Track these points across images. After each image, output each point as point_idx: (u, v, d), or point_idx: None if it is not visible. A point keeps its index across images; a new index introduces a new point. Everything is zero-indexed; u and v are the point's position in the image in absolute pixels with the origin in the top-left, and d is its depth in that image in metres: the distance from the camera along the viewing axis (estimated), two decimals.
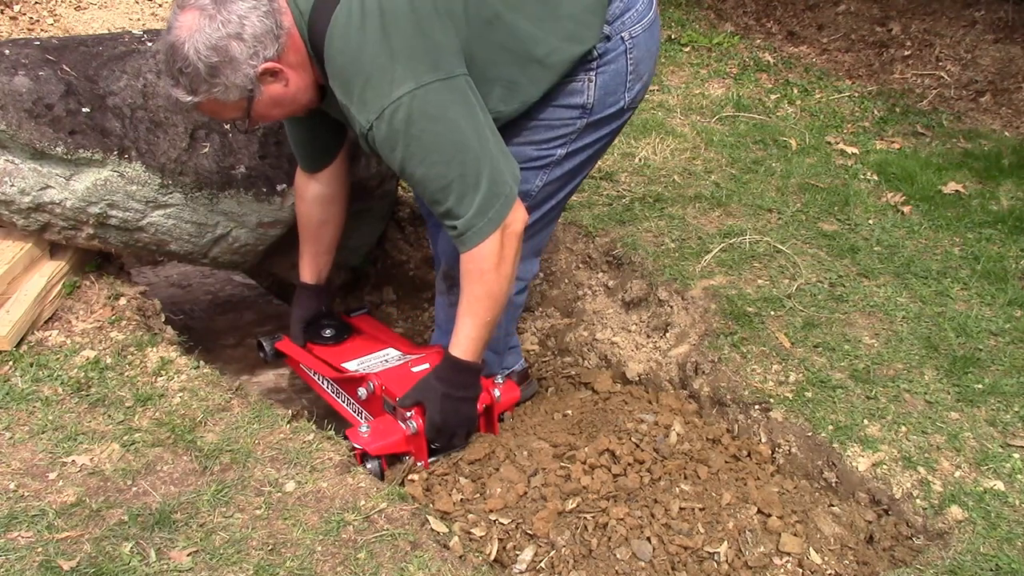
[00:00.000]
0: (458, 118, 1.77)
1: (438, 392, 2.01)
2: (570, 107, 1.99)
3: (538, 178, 2.06)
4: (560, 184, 2.12)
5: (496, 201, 1.83)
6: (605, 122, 2.06)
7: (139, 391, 2.13)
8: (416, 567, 1.70)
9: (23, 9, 4.44)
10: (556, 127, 2.00)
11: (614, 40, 1.96)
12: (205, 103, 1.83)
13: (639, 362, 2.59)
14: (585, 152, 2.09)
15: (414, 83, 1.73)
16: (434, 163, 1.79)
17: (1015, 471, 2.04)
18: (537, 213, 2.11)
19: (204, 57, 1.73)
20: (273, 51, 1.77)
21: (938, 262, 2.86)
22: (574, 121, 2.00)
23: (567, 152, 2.04)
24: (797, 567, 1.90)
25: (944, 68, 4.56)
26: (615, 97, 2.02)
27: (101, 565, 1.65)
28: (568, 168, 2.09)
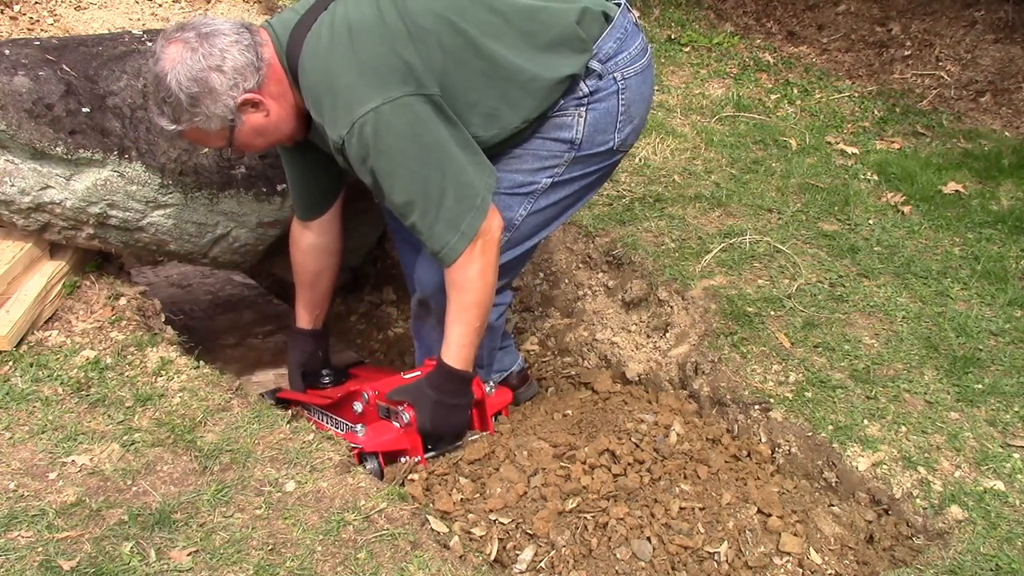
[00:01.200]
0: (424, 133, 1.81)
1: (430, 399, 2.03)
2: (559, 141, 2.01)
3: (522, 207, 2.06)
4: (544, 218, 2.11)
5: (467, 214, 1.86)
6: (593, 160, 2.06)
7: (139, 391, 2.13)
8: (416, 567, 1.70)
9: (23, 9, 4.44)
10: (544, 158, 2.02)
11: (606, 79, 1.98)
12: (188, 131, 1.90)
13: (639, 362, 2.59)
14: (571, 186, 2.08)
15: (381, 98, 1.77)
16: (400, 177, 1.83)
17: (1015, 471, 2.04)
18: (519, 249, 2.12)
19: (185, 88, 1.81)
20: (253, 82, 1.85)
21: (938, 262, 2.86)
22: (562, 154, 2.02)
23: (552, 182, 2.04)
24: (797, 567, 1.90)
25: (944, 68, 4.56)
26: (605, 136, 2.03)
27: (101, 565, 1.65)
28: (553, 200, 2.08)
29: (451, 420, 2.07)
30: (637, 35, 2.04)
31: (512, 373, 2.55)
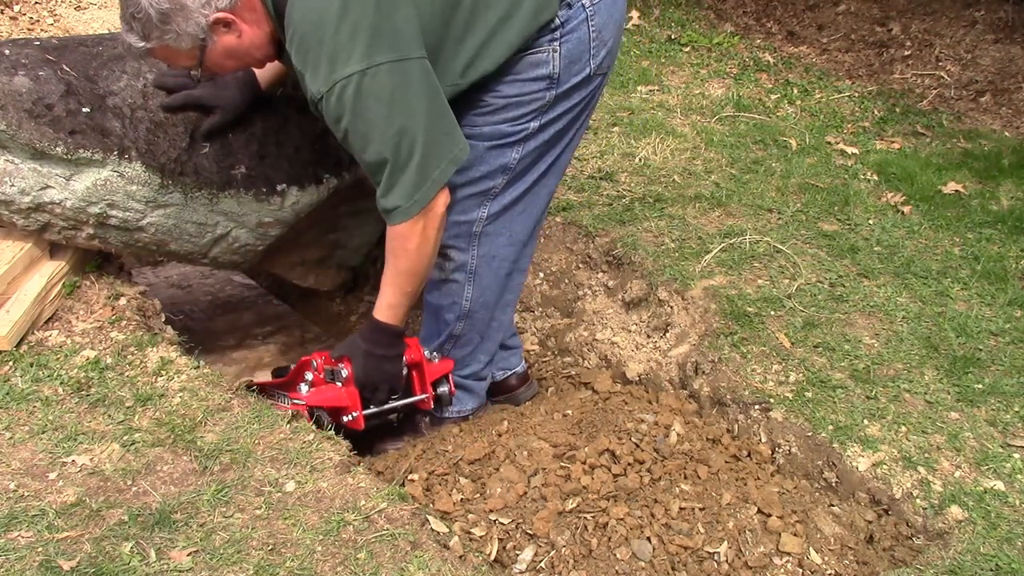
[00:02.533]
0: (402, 101, 1.81)
1: (361, 349, 2.12)
2: (537, 79, 2.00)
3: (514, 151, 2.08)
4: (539, 153, 2.13)
5: (423, 184, 1.88)
6: (574, 90, 2.06)
7: (139, 391, 2.13)
8: (416, 567, 1.70)
9: (23, 9, 4.44)
10: (527, 103, 2.02)
11: (575, 8, 1.97)
12: (158, 49, 1.86)
13: (639, 362, 2.59)
14: (560, 122, 2.09)
15: (366, 62, 1.77)
16: (372, 140, 1.84)
17: (1015, 471, 2.04)
18: (521, 184, 2.14)
19: (156, 4, 1.78)
20: (226, 2, 1.81)
21: (938, 262, 2.86)
22: (543, 93, 2.02)
23: (540, 124, 2.06)
24: (797, 567, 1.90)
25: (944, 68, 4.56)
26: (580, 65, 2.02)
27: (101, 565, 1.65)
28: (544, 139, 2.10)
29: (383, 369, 2.13)
30: None
31: (514, 373, 2.57)
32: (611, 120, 3.72)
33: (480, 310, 2.30)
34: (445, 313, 2.32)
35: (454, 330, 2.34)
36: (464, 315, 2.30)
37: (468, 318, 2.31)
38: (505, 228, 2.20)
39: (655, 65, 4.48)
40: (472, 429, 2.32)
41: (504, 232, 2.20)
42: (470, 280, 2.23)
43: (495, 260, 2.23)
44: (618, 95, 4.04)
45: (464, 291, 2.25)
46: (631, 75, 4.28)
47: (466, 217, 2.14)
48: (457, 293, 2.26)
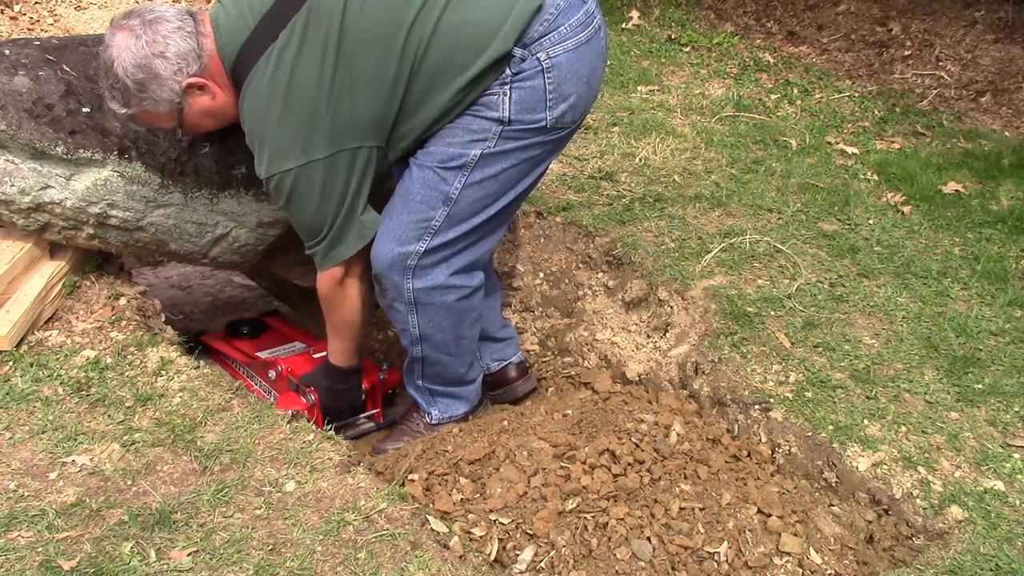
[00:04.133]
0: (329, 191, 2.05)
1: (324, 387, 2.43)
2: (488, 119, 2.04)
3: (457, 179, 2.08)
4: (484, 192, 2.11)
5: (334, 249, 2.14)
6: (527, 135, 2.06)
7: (139, 391, 2.13)
8: (416, 567, 1.70)
9: (23, 9, 4.44)
10: (475, 131, 2.05)
11: (529, 61, 1.99)
12: (139, 114, 2.02)
13: (639, 362, 2.59)
14: (508, 159, 2.08)
15: (303, 159, 2.00)
16: (304, 215, 2.10)
17: (1015, 471, 2.04)
18: (465, 225, 2.13)
19: (131, 74, 1.93)
20: (196, 68, 1.97)
21: (938, 262, 2.86)
22: (491, 128, 2.04)
23: (483, 153, 2.05)
24: (797, 567, 1.90)
25: (944, 68, 4.56)
26: (534, 115, 2.03)
27: (101, 565, 1.65)
28: (490, 173, 2.08)
29: (344, 400, 2.49)
30: (575, 10, 2.01)
31: (511, 363, 2.58)
32: (611, 120, 3.72)
33: (436, 334, 2.28)
34: (402, 339, 2.34)
35: (414, 353, 2.34)
36: (418, 340, 2.29)
37: (425, 342, 2.29)
38: (444, 265, 2.18)
39: (655, 65, 4.48)
40: (472, 429, 2.32)
41: (443, 269, 2.18)
42: (411, 309, 2.23)
43: (437, 291, 2.20)
44: (618, 95, 4.04)
45: (409, 319, 2.25)
46: (631, 75, 4.28)
47: (402, 248, 2.13)
48: (403, 321, 2.26)
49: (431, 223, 2.11)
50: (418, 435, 2.41)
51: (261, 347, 2.76)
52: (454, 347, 2.32)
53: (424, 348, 2.31)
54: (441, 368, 2.37)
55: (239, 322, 2.89)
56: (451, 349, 2.32)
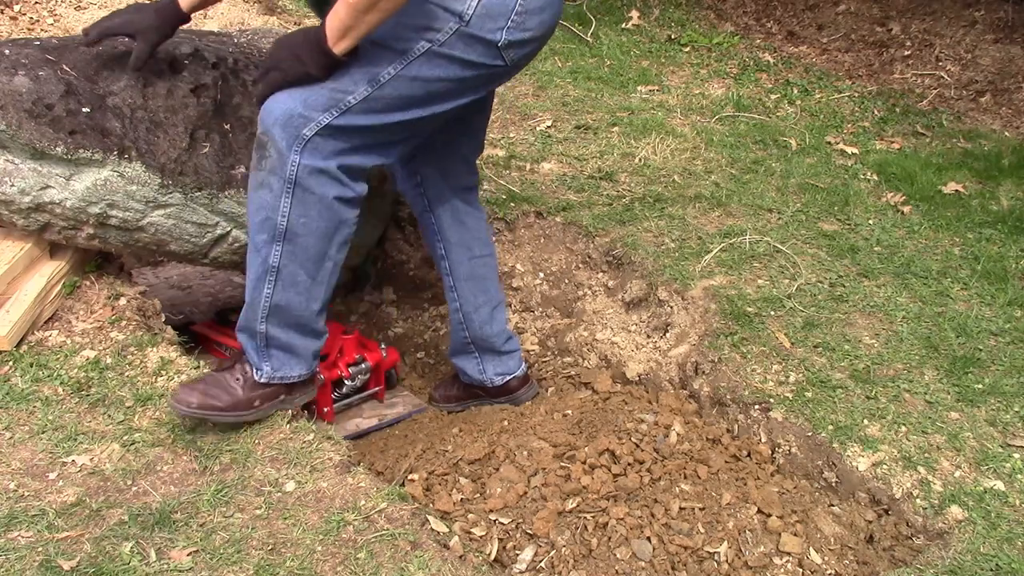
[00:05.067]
0: None
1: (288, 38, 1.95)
2: (448, 10, 1.87)
3: (392, 65, 1.89)
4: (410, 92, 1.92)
5: None
6: (476, 47, 1.91)
7: (139, 391, 2.13)
8: (416, 567, 1.70)
9: (23, 9, 4.44)
10: (429, 17, 1.88)
11: None
12: None
13: (639, 362, 2.59)
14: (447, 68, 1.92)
15: None
16: None
17: (1015, 471, 2.04)
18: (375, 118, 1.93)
19: None
20: None
21: (938, 262, 2.86)
22: (446, 22, 1.88)
23: (429, 49, 1.89)
24: (797, 567, 1.90)
25: (944, 68, 4.56)
26: (494, 24, 1.90)
27: (101, 565, 1.65)
28: (425, 75, 1.91)
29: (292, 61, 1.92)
30: None
31: (514, 377, 2.56)
32: (611, 120, 3.72)
33: (302, 235, 1.96)
34: (258, 233, 1.98)
35: (270, 259, 1.98)
36: (281, 237, 1.96)
37: (288, 242, 1.97)
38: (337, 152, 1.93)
39: (655, 65, 4.48)
40: (472, 429, 2.33)
41: (336, 155, 1.93)
42: (287, 190, 1.92)
43: (322, 176, 1.93)
44: (618, 95, 4.04)
45: (281, 203, 1.93)
46: (631, 75, 4.28)
47: (306, 111, 1.88)
48: (271, 206, 1.94)
49: (346, 98, 1.89)
50: (233, 393, 2.05)
51: None
52: (315, 266, 2.02)
53: (284, 253, 1.98)
54: (295, 296, 2.03)
55: (229, 310, 2.89)
56: (311, 268, 2.02)
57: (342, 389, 2.55)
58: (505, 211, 3.01)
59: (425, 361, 2.87)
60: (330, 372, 2.49)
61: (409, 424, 2.52)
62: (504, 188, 3.11)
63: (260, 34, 2.70)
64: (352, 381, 2.56)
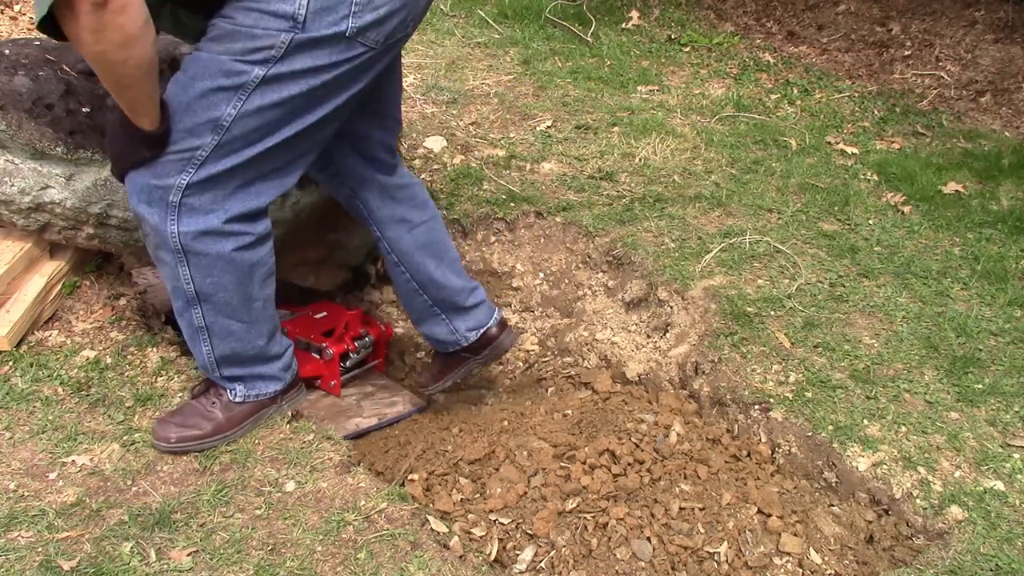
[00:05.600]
0: None
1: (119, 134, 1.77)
2: (276, 15, 1.67)
3: (230, 105, 1.72)
4: (264, 121, 1.76)
5: None
6: (323, 48, 1.72)
7: (139, 391, 2.13)
8: (416, 567, 1.70)
9: (23, 9, 4.44)
10: (258, 36, 1.68)
11: None
12: None
13: (639, 362, 2.59)
14: (295, 84, 1.74)
15: None
16: None
17: (1015, 471, 2.04)
18: (237, 157, 1.78)
19: None
20: None
21: (938, 262, 2.86)
22: (279, 34, 1.68)
23: (267, 74, 1.70)
24: (797, 567, 1.90)
25: (944, 68, 4.56)
26: (334, 16, 1.69)
27: (101, 565, 1.65)
28: (272, 100, 1.74)
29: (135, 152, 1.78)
30: None
31: (489, 327, 2.41)
32: (611, 120, 3.72)
33: (218, 293, 1.89)
34: (174, 300, 1.94)
35: (195, 321, 1.93)
36: (195, 300, 1.90)
37: (205, 303, 1.91)
38: (216, 205, 1.81)
39: (655, 65, 4.48)
40: (472, 429, 2.33)
41: (216, 209, 1.81)
42: (180, 260, 1.84)
43: (208, 237, 1.82)
44: (618, 95, 4.04)
45: (180, 273, 1.86)
46: (631, 75, 4.28)
47: (160, 181, 1.76)
48: (173, 276, 1.87)
49: (196, 153, 1.75)
50: (212, 418, 2.02)
51: None
52: (244, 311, 1.94)
53: (205, 312, 1.92)
54: (236, 343, 1.99)
55: None
56: (240, 314, 1.94)
57: (346, 363, 2.60)
58: (505, 211, 3.01)
59: (425, 361, 2.86)
60: (337, 346, 2.53)
61: (409, 424, 2.52)
62: (504, 188, 3.11)
63: None
64: (357, 354, 2.62)
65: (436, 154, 3.27)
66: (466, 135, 3.45)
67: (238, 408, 2.05)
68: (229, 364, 2.02)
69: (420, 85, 3.85)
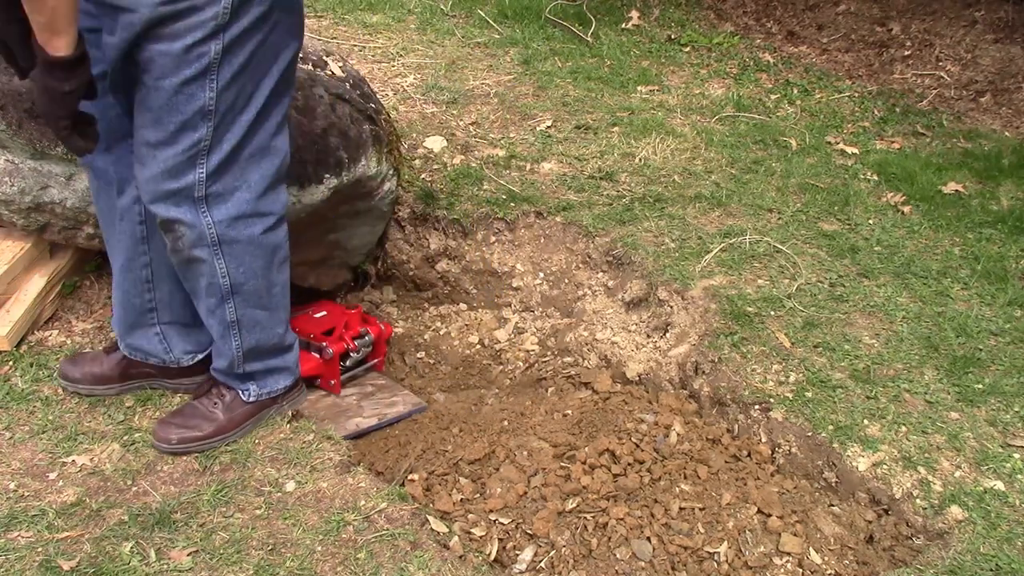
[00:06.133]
0: None
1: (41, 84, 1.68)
2: None
3: (206, 88, 1.74)
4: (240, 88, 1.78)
5: None
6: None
7: (139, 391, 2.13)
8: (416, 567, 1.70)
9: None
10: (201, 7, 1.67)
11: None
12: None
13: (639, 362, 2.59)
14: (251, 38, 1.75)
15: None
16: None
17: (1015, 471, 2.04)
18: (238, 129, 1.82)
19: None
20: None
21: (938, 262, 2.86)
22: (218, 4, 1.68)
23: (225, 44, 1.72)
24: (797, 567, 1.90)
25: (944, 68, 4.56)
26: None
27: (101, 565, 1.65)
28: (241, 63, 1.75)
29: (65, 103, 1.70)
30: None
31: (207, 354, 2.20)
32: (611, 120, 3.72)
33: (249, 281, 1.96)
34: (206, 299, 1.98)
35: (227, 316, 1.99)
36: (229, 294, 1.96)
37: (237, 295, 1.97)
38: (239, 181, 1.87)
39: (655, 65, 4.48)
40: (472, 429, 2.33)
41: (239, 186, 1.87)
42: (217, 252, 1.90)
43: (242, 222, 1.89)
44: (618, 95, 4.04)
45: (217, 267, 1.92)
46: (631, 75, 4.28)
47: (179, 183, 1.81)
48: (209, 272, 1.92)
49: (201, 145, 1.79)
50: (213, 419, 2.04)
51: None
52: (267, 298, 2.02)
53: (237, 305, 1.98)
54: (260, 333, 2.05)
55: None
56: (264, 301, 2.02)
57: (347, 362, 2.59)
58: (505, 211, 3.01)
59: (425, 361, 2.87)
60: (337, 345, 2.53)
61: (409, 424, 2.51)
62: (504, 188, 3.11)
63: None
64: (357, 353, 2.61)
65: (436, 154, 3.27)
66: (466, 135, 3.45)
67: (241, 408, 2.08)
68: (251, 358, 2.07)
69: (420, 85, 3.85)
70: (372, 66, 3.97)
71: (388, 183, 2.75)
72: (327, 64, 2.60)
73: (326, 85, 2.49)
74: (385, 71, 3.95)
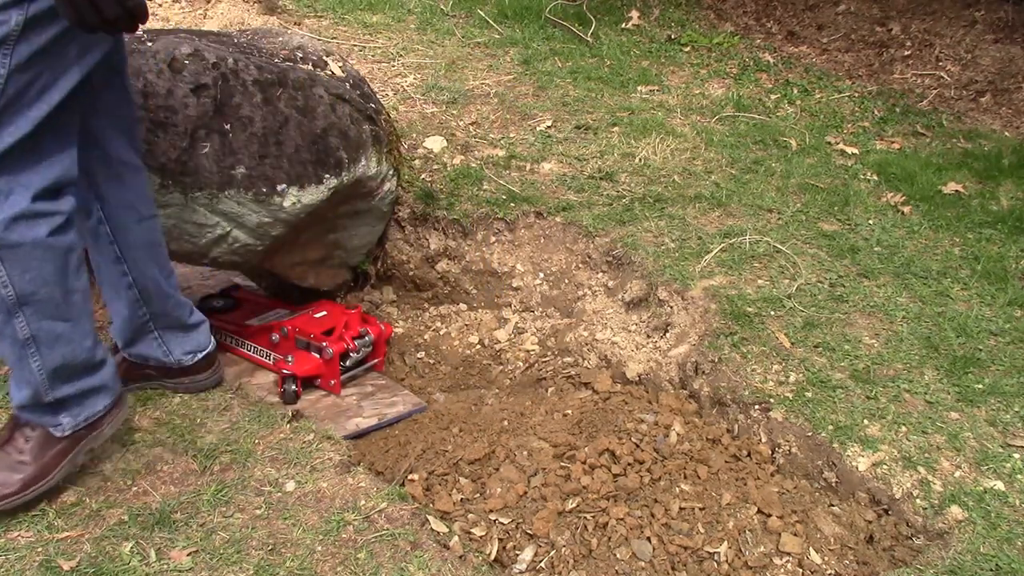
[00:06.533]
0: None
1: None
2: None
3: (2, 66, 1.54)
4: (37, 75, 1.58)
5: None
6: None
7: (139, 391, 2.13)
8: (416, 567, 1.70)
9: None
10: None
11: None
12: None
13: (639, 362, 2.59)
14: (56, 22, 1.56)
15: None
16: None
17: (1015, 471, 2.04)
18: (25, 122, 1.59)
19: None
20: None
21: (938, 262, 2.86)
22: None
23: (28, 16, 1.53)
24: (797, 567, 1.90)
25: (944, 68, 4.56)
26: None
27: (101, 565, 1.65)
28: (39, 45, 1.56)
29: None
30: None
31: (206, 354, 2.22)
32: (611, 120, 3.72)
33: (40, 290, 1.69)
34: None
35: (20, 334, 1.71)
36: (16, 306, 1.68)
37: (27, 306, 1.69)
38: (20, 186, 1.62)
39: (655, 65, 4.48)
40: (472, 429, 2.33)
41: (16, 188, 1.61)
42: None
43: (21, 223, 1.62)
44: (618, 95, 4.04)
45: None
46: (631, 75, 4.28)
47: None
48: None
49: None
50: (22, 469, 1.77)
51: (246, 316, 2.75)
52: (67, 307, 1.74)
53: (30, 319, 1.70)
54: (65, 347, 1.76)
55: (210, 297, 2.87)
56: (63, 311, 1.74)
57: (347, 362, 2.60)
58: (505, 211, 3.01)
59: (425, 361, 2.87)
60: (337, 345, 2.54)
61: (409, 424, 2.52)
62: (504, 188, 3.11)
63: (260, 34, 2.70)
64: (357, 353, 2.62)
65: (436, 154, 3.27)
66: (466, 135, 3.45)
67: (55, 448, 1.80)
68: (60, 380, 1.78)
69: (420, 85, 3.85)
70: (372, 66, 3.98)
71: (388, 183, 2.75)
72: (327, 64, 2.60)
73: (326, 85, 2.49)
74: (385, 71, 3.96)
